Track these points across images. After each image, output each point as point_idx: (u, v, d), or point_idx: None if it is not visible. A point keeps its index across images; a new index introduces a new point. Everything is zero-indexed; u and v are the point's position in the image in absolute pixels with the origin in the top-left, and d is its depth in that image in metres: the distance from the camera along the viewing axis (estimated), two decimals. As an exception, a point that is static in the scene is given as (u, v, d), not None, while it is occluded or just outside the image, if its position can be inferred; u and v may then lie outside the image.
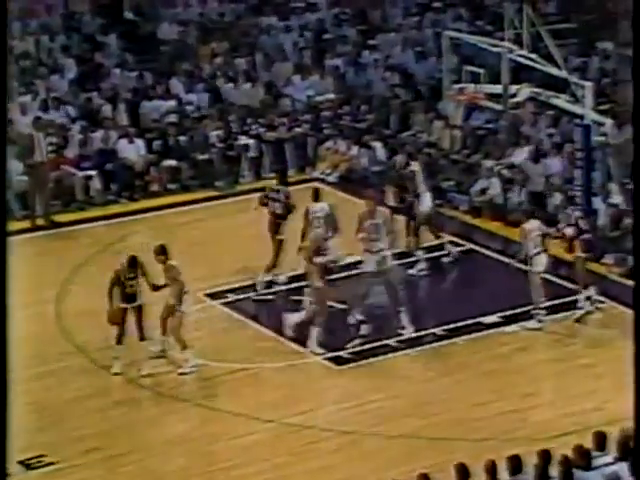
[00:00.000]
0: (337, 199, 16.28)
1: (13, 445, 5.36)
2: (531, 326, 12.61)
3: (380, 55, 20.52)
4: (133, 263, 12.02)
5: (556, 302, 13.18)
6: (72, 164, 17.38)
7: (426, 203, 14.58)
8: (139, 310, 12.04)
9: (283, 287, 13.94)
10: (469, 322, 12.84)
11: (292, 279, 14.10)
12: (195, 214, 16.65)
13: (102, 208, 16.93)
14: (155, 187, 17.56)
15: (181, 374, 12.04)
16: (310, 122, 18.87)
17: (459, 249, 15.13)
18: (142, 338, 12.07)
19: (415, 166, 14.74)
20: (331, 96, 19.53)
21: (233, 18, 21.42)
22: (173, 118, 18.46)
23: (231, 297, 13.75)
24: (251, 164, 18.12)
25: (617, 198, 14.82)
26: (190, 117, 18.47)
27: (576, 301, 13.03)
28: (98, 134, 17.79)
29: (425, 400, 11.51)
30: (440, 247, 14.73)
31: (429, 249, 14.70)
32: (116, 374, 11.97)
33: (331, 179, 18.04)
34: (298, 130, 18.63)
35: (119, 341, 12.02)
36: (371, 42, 21.00)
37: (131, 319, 12.03)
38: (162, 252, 12.16)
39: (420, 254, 14.46)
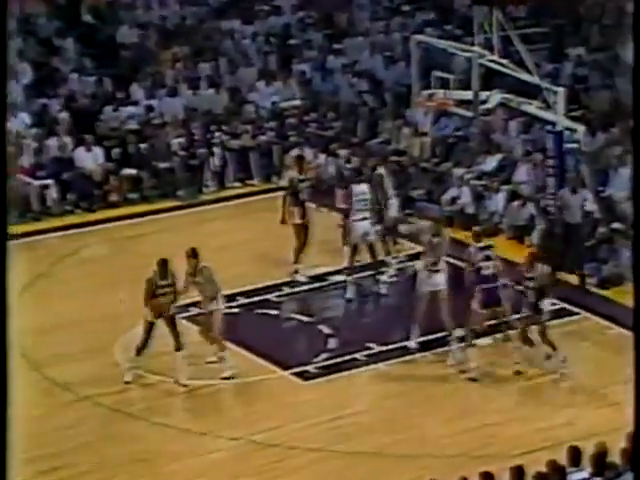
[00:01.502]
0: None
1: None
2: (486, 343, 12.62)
3: (347, 60, 20.58)
4: (165, 268, 11.92)
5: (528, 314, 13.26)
6: (27, 173, 17.28)
7: (394, 209, 14.65)
8: (172, 319, 11.97)
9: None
10: (439, 335, 12.88)
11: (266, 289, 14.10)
12: (156, 225, 16.60)
13: (59, 219, 16.85)
14: (114, 197, 17.49)
15: (224, 379, 12.06)
16: (275, 130, 18.89)
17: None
18: (179, 348, 12.00)
19: (381, 170, 14.80)
20: (297, 102, 19.55)
21: (195, 22, 21.41)
22: (133, 125, 18.42)
23: (194, 311, 13.71)
24: (214, 173, 18.12)
25: (591, 206, 14.95)
26: (151, 124, 18.45)
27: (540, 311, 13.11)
28: (54, 142, 17.70)
29: (393, 416, 11.54)
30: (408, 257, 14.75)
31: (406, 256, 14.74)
32: (127, 382, 11.99)
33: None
34: (263, 138, 18.64)
35: (139, 352, 12.00)
36: (338, 47, 21.05)
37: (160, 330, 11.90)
38: (195, 255, 12.14)
39: (391, 260, 14.51)
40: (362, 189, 14.16)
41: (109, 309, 13.56)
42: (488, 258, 12.32)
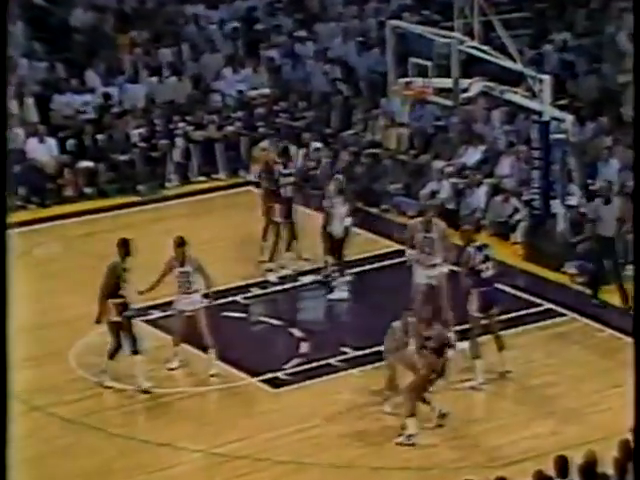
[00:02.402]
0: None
1: None
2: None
3: (319, 46, 20.50)
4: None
5: (512, 315, 13.24)
6: (-25, 166, 17.04)
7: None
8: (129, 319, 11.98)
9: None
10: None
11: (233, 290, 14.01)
12: (114, 222, 16.44)
13: (9, 215, 16.58)
14: (69, 192, 17.31)
15: (213, 375, 12.18)
16: (243, 120, 18.78)
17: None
18: (136, 351, 12.00)
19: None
20: (266, 91, 19.46)
21: (155, 5, 21.26)
22: (89, 114, 18.25)
23: (155, 314, 13.57)
24: (177, 166, 17.98)
25: (578, 201, 14.94)
26: (109, 113, 18.28)
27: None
28: (4, 133, 17.47)
29: (368, 426, 11.45)
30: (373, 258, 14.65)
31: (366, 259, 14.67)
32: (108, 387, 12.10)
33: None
34: (229, 129, 18.53)
35: (112, 356, 12.03)
36: (309, 32, 20.99)
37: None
38: (183, 243, 12.26)
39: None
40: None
41: (63, 313, 13.41)
42: (487, 258, 12.18)
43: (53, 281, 14.35)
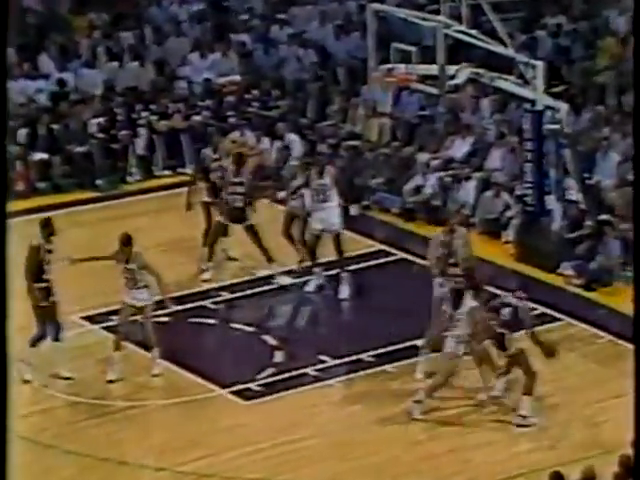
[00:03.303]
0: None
1: None
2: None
3: (294, 30, 20.44)
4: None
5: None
6: None
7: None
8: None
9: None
10: (401, 346, 12.76)
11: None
12: (70, 220, 16.30)
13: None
14: (20, 186, 17.17)
15: (156, 375, 12.37)
16: (211, 109, 18.69)
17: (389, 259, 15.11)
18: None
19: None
20: (236, 78, 19.40)
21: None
22: (43, 101, 18.09)
23: (116, 320, 13.47)
24: (140, 159, 17.86)
25: (575, 195, 14.93)
26: (64, 101, 18.14)
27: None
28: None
29: (348, 440, 11.39)
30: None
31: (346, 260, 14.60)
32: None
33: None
34: (197, 119, 18.44)
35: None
36: (283, 15, 20.92)
37: None
38: (129, 242, 12.37)
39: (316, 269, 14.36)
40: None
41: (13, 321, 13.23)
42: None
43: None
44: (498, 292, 11.87)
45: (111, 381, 12.34)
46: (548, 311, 13.56)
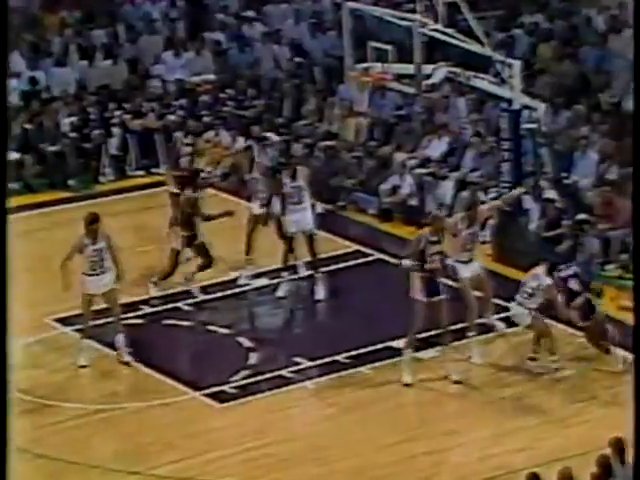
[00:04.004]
0: (219, 201, 16.09)
1: None
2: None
3: (269, 28, 20.43)
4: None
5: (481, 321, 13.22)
6: None
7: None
8: None
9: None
10: (377, 347, 12.76)
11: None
12: (41, 220, 16.25)
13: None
14: (-9, 187, 17.10)
15: (126, 363, 12.49)
16: (185, 108, 18.66)
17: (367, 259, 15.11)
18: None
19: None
20: (211, 77, 19.38)
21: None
22: (14, 100, 18.03)
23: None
24: (113, 159, 17.82)
25: (552, 194, 14.97)
26: (36, 99, 18.05)
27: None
28: None
29: (324, 443, 11.37)
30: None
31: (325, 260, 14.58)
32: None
33: (212, 178, 17.81)
34: (171, 118, 18.40)
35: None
36: (257, 13, 20.92)
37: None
38: (96, 220, 12.50)
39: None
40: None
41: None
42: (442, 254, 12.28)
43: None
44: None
45: (83, 366, 12.47)
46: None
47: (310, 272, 14.16)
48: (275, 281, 14.29)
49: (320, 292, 14.03)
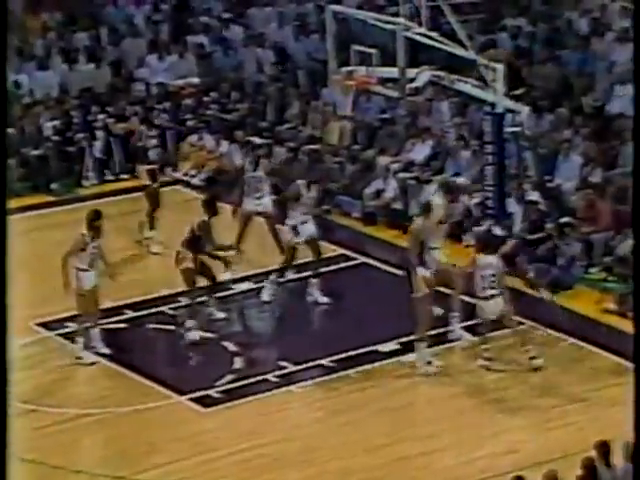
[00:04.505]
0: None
1: None
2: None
3: (252, 32, 20.45)
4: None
5: (465, 324, 13.29)
6: None
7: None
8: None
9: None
10: (362, 351, 12.80)
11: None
12: (24, 224, 16.19)
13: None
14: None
15: (78, 358, 12.71)
16: (169, 112, 18.66)
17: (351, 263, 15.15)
18: None
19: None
20: (194, 80, 19.37)
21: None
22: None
23: (71, 326, 13.41)
24: (96, 162, 17.81)
25: (535, 196, 15.03)
26: (19, 103, 18.02)
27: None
28: None
29: (311, 446, 11.41)
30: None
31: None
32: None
33: (196, 181, 17.82)
34: (154, 122, 18.39)
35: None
36: (241, 16, 20.92)
37: None
38: (100, 217, 12.82)
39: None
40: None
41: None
42: None
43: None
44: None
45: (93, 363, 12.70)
46: (510, 315, 13.64)
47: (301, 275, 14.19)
48: (260, 284, 14.32)
49: (315, 294, 14.04)
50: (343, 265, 15.15)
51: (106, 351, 12.76)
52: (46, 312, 13.70)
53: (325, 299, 14.04)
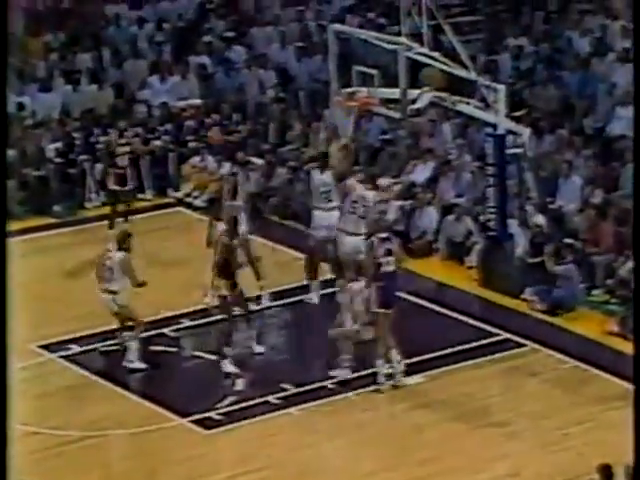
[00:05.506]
0: (205, 227, 16.11)
1: None
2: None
3: (254, 52, 20.52)
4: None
5: (467, 346, 13.30)
6: None
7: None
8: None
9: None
10: (364, 373, 12.80)
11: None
12: (25, 247, 16.22)
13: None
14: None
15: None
16: (171, 133, 18.71)
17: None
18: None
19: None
20: (196, 101, 19.43)
21: (72, 4, 21.14)
22: (-1, 127, 18.07)
23: (74, 348, 13.44)
24: (98, 184, 17.83)
25: (538, 219, 15.06)
26: (21, 125, 18.09)
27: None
28: None
29: (306, 469, 11.40)
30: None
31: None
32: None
33: (198, 203, 17.86)
34: (156, 143, 18.45)
35: None
36: (243, 37, 21.01)
37: None
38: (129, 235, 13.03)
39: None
40: None
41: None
42: (389, 252, 12.49)
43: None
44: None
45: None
46: (512, 337, 13.67)
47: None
48: (263, 305, 14.34)
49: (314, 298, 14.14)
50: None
51: (142, 366, 12.89)
52: (47, 334, 13.72)
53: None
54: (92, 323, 13.72)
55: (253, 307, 14.00)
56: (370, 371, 12.71)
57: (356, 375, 12.81)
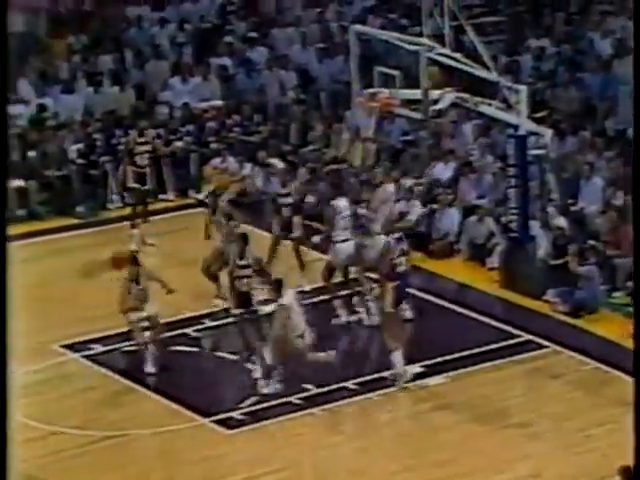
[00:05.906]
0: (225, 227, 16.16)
1: None
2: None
3: (276, 53, 20.57)
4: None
5: (489, 347, 13.31)
6: None
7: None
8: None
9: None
10: (385, 374, 12.82)
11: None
12: (49, 247, 16.34)
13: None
14: (-2, 214, 17.16)
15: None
16: (192, 134, 18.77)
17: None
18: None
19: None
20: (217, 103, 19.49)
21: (94, 6, 21.24)
22: (21, 127, 18.11)
23: (96, 348, 13.51)
24: (120, 186, 17.90)
25: (560, 221, 15.06)
26: (43, 126, 18.19)
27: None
28: None
29: (329, 470, 11.45)
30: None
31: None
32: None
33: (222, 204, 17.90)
34: (178, 144, 18.51)
35: None
36: (264, 38, 21.06)
37: None
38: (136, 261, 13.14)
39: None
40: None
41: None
42: (404, 252, 12.54)
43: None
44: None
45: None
46: (534, 338, 13.68)
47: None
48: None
49: (343, 314, 14.13)
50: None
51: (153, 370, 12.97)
52: (69, 334, 13.77)
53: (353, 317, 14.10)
54: (114, 323, 13.78)
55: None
56: (388, 373, 12.75)
57: (377, 376, 12.85)
